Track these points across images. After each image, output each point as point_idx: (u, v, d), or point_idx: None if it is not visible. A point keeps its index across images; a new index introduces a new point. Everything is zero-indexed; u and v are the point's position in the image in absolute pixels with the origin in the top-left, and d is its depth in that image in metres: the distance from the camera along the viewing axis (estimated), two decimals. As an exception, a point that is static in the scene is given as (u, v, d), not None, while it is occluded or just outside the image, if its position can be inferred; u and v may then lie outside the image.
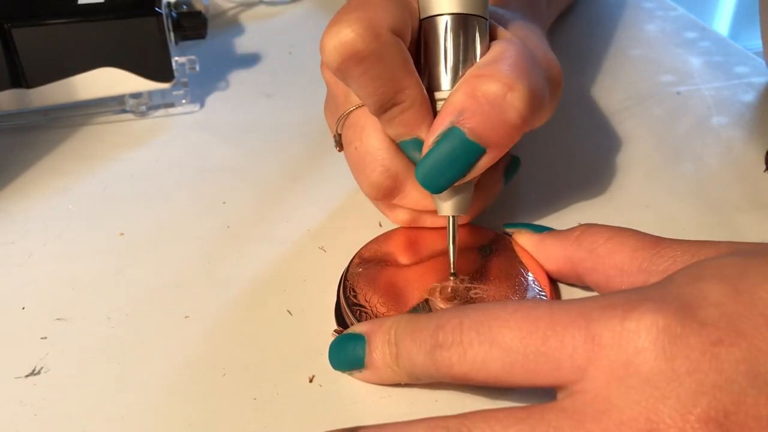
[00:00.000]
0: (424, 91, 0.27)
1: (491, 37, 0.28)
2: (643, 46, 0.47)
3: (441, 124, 0.26)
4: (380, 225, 0.32)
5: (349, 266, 0.29)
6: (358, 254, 0.29)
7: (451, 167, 0.26)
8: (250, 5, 0.55)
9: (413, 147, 0.27)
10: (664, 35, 0.48)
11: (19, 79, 0.37)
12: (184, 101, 0.42)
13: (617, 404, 0.19)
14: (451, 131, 0.26)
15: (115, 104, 0.41)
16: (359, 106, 0.29)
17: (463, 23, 0.26)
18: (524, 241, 0.29)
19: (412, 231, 0.31)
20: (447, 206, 0.27)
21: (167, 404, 0.25)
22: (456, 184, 0.26)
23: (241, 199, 0.34)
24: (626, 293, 0.21)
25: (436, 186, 0.26)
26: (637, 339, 0.19)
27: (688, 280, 0.21)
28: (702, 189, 0.34)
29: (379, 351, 0.24)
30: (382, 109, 0.26)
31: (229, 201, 0.34)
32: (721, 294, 0.20)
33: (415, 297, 0.27)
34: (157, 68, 0.39)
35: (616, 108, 0.40)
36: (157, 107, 0.41)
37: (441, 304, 0.27)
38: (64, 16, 0.37)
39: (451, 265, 0.27)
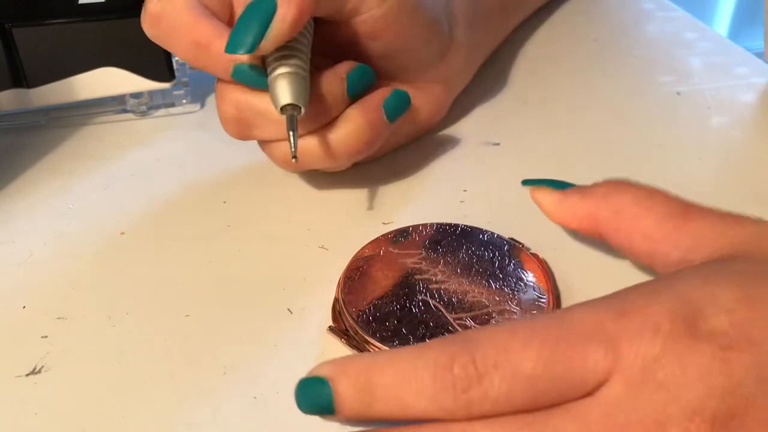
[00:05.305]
0: (224, 27, 0.29)
1: None
2: (643, 47, 0.47)
3: None
4: (383, 224, 0.32)
5: (349, 264, 0.29)
6: (359, 252, 0.29)
7: (249, 24, 0.28)
8: (250, 5, 0.55)
9: (241, 72, 0.29)
10: (664, 36, 0.48)
11: (20, 78, 0.37)
12: (184, 101, 0.42)
13: (627, 407, 0.19)
14: None
15: (116, 104, 0.41)
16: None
17: None
18: (544, 197, 0.28)
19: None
20: (281, 95, 0.28)
21: (167, 403, 0.25)
22: (263, 46, 0.28)
23: (241, 198, 0.34)
24: (635, 298, 0.21)
25: (237, 45, 0.28)
26: (655, 348, 0.19)
27: (701, 281, 0.21)
28: (702, 189, 0.34)
29: (348, 398, 0.21)
30: (195, 60, 0.30)
31: (230, 200, 0.34)
32: (733, 300, 0.20)
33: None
34: (158, 68, 0.39)
35: (616, 108, 0.40)
36: (157, 107, 0.41)
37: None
38: (65, 15, 0.37)
39: (293, 149, 0.28)
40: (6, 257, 0.31)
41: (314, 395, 0.21)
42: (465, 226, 0.30)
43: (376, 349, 0.25)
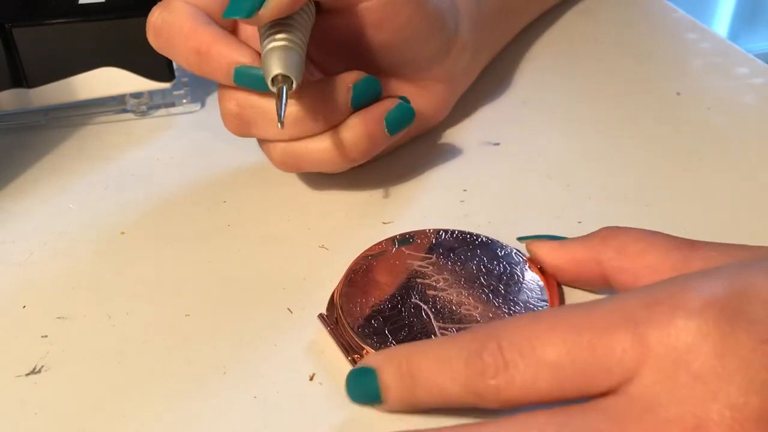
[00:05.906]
0: (223, 32, 0.30)
1: None
2: (644, 47, 0.47)
3: None
4: (383, 223, 0.32)
5: (356, 259, 0.29)
6: (368, 249, 0.29)
7: None
8: (250, 6, 0.55)
9: (243, 74, 0.29)
10: (665, 37, 0.48)
11: (20, 78, 0.37)
12: (184, 101, 0.42)
13: (663, 402, 0.19)
14: None
15: (116, 104, 0.41)
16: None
17: None
18: (540, 246, 0.28)
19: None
20: (273, 65, 0.27)
21: (167, 403, 0.25)
22: (261, 14, 0.27)
23: (241, 197, 0.34)
24: (666, 286, 0.20)
25: (236, 10, 0.27)
26: (688, 336, 0.19)
27: (734, 273, 0.20)
28: (702, 189, 0.34)
29: (393, 385, 0.23)
30: (198, 67, 0.30)
31: (230, 200, 0.34)
32: None
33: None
34: (158, 68, 0.39)
35: (616, 108, 0.40)
36: (157, 107, 0.41)
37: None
38: (65, 15, 0.37)
39: (281, 119, 0.27)
40: (6, 257, 0.31)
41: (363, 384, 0.23)
42: (486, 237, 0.29)
43: (357, 344, 0.25)
